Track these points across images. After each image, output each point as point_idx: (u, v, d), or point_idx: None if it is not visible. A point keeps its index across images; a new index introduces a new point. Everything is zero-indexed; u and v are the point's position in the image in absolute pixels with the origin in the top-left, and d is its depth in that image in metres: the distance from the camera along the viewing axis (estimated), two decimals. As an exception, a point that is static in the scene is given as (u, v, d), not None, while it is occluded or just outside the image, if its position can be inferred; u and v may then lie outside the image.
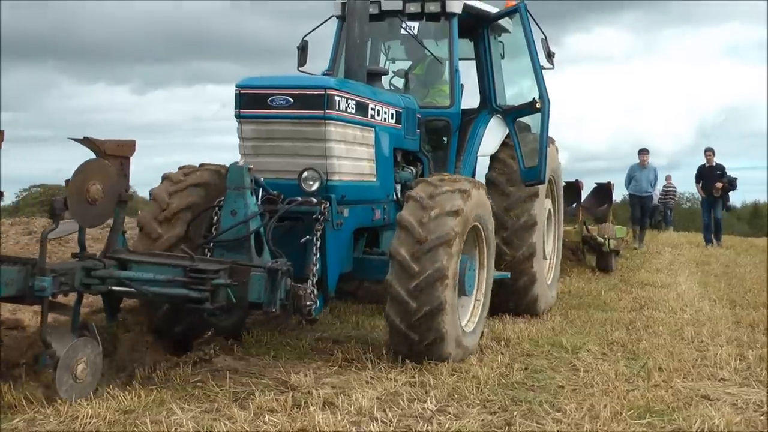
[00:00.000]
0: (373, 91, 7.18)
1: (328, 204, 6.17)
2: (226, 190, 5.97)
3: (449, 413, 5.18)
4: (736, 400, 5.67)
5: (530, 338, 7.63)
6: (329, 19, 8.78)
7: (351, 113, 6.55)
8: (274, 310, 5.44)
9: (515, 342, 7.40)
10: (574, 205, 13.96)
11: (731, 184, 18.78)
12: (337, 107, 6.33)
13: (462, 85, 8.67)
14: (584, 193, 14.88)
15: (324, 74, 8.22)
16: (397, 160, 7.65)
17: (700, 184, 18.92)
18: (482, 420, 5.06)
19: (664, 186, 26.85)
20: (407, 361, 6.34)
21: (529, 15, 8.31)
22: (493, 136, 8.83)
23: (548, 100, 8.16)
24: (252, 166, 6.00)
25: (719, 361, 6.72)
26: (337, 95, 6.35)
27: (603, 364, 6.60)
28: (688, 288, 11.66)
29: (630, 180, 18.28)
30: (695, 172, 19.19)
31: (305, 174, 6.20)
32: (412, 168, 7.99)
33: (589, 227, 14.06)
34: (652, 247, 17.63)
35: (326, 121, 6.27)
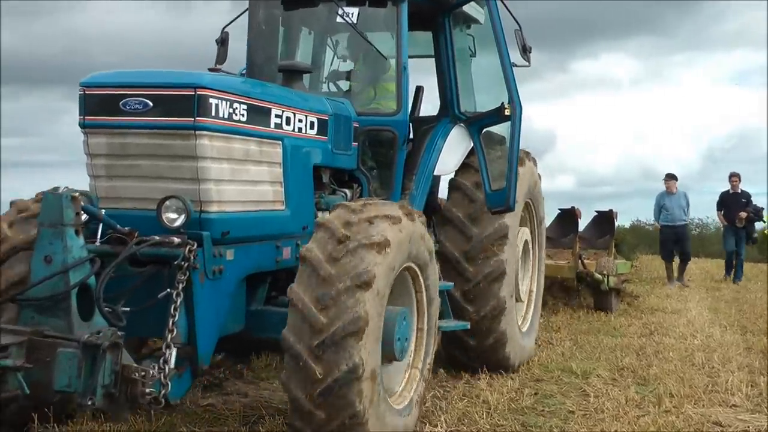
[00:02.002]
0: (282, 93, 5.52)
1: (195, 245, 4.45)
2: (38, 228, 4.32)
3: (460, 438, 5.18)
4: (748, 427, 5.65)
5: (540, 363, 7.59)
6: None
7: (239, 121, 4.87)
8: (91, 402, 3.85)
9: (525, 367, 7.36)
10: (571, 235, 11.99)
11: (757, 213, 16.68)
12: (213, 113, 4.66)
13: (422, 88, 7.48)
14: (582, 224, 12.93)
15: (210, 70, 6.07)
16: (322, 181, 5.99)
17: (722, 212, 16.81)
18: (493, 445, 5.05)
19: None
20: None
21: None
22: (454, 150, 7.10)
23: (520, 105, 6.53)
24: (77, 194, 4.36)
25: (730, 388, 6.67)
26: (215, 96, 4.68)
27: (613, 390, 6.57)
28: (699, 314, 11.56)
29: (660, 210, 16.12)
30: (717, 198, 17.13)
31: (166, 203, 4.53)
32: (346, 191, 6.30)
33: (585, 262, 11.85)
34: (661, 273, 17.51)
35: (197, 132, 4.60)
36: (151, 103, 4.61)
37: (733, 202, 16.64)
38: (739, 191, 16.73)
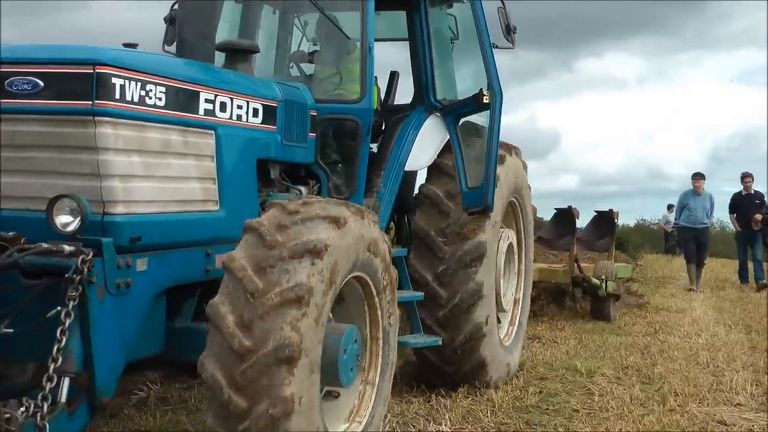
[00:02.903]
0: (216, 74, 4.78)
1: (90, 254, 3.63)
2: None
3: (464, 436, 5.19)
4: (752, 426, 5.64)
5: (545, 362, 7.60)
6: None
7: (154, 106, 4.03)
8: None
9: (530, 365, 7.36)
10: (568, 237, 11.08)
11: None
12: (118, 95, 3.84)
13: (397, 73, 6.90)
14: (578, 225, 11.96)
15: (125, 45, 4.64)
16: (270, 177, 5.17)
17: (735, 216, 15.73)
18: (497, 443, 5.06)
19: (678, 211, 26.91)
20: (422, 383, 6.20)
21: None
22: (428, 142, 6.29)
23: (500, 91, 5.87)
24: None
25: (735, 387, 6.67)
26: (120, 75, 3.85)
27: (618, 388, 6.58)
28: (703, 313, 11.58)
29: (682, 210, 15.43)
30: (729, 200, 15.94)
31: (57, 204, 3.74)
32: (301, 188, 5.48)
33: (583, 265, 10.89)
34: (666, 272, 17.51)
35: (96, 119, 3.80)
36: (42, 83, 3.83)
37: (747, 204, 15.52)
38: (752, 192, 15.66)
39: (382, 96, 6.79)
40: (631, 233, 31.92)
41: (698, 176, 15.40)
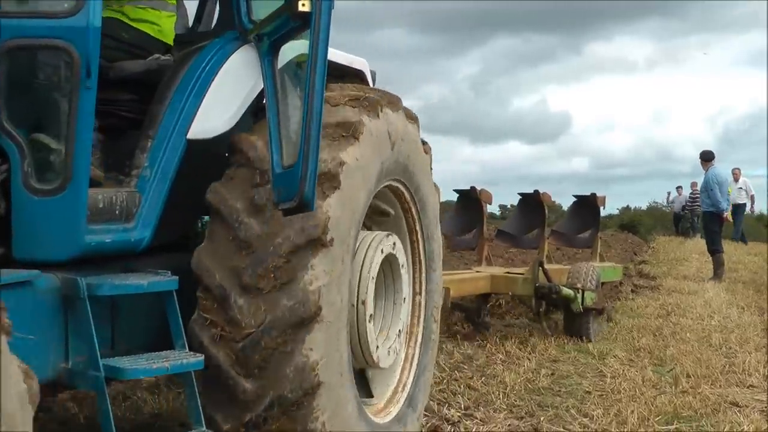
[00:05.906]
0: None
1: None
2: None
3: (476, 418, 5.16)
4: (765, 407, 5.59)
5: (557, 344, 7.58)
6: None
7: None
8: None
9: (542, 348, 7.34)
10: (536, 231, 8.49)
11: None
12: None
13: None
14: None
15: None
16: None
17: None
18: (509, 425, 5.04)
19: (690, 193, 26.84)
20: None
21: None
22: (232, 90, 3.70)
23: None
24: None
25: (748, 368, 6.64)
26: None
27: (630, 370, 6.55)
28: (716, 294, 11.52)
29: None
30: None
31: None
32: None
33: (553, 268, 8.15)
34: (678, 254, 17.44)
35: None
36: None
37: None
38: None
39: (190, 22, 4.75)
40: (644, 216, 31.86)
41: (701, 155, 14.07)
